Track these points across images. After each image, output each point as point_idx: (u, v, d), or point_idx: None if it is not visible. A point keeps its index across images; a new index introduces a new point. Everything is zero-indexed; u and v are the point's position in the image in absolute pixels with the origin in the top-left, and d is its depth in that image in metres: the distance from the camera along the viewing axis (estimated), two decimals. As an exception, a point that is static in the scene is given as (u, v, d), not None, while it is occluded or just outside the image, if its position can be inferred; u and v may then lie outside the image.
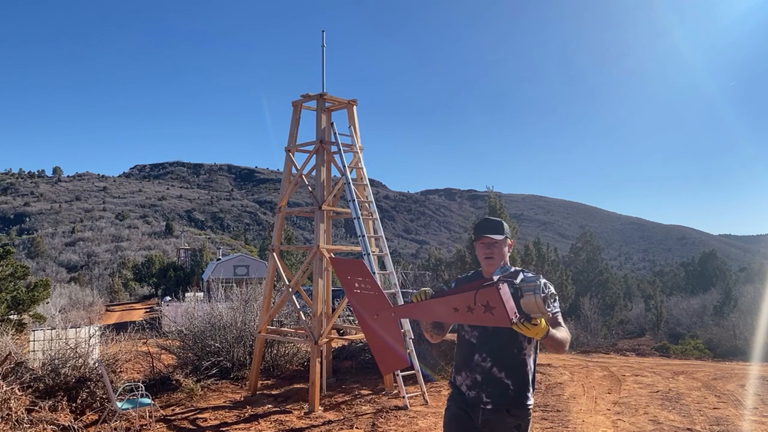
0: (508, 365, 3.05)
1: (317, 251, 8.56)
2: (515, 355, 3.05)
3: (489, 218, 3.23)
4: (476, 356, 3.07)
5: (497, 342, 3.05)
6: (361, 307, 3.11)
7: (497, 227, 3.15)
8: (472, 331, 3.12)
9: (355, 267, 3.13)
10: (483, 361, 3.06)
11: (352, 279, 3.10)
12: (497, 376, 3.04)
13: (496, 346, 3.05)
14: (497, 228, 3.15)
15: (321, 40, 9.27)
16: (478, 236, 3.15)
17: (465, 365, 3.13)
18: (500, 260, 3.12)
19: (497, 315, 2.67)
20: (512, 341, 3.04)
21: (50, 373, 7.80)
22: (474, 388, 3.08)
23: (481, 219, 3.31)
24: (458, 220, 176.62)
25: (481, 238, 3.13)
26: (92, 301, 39.45)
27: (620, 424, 6.94)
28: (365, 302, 3.08)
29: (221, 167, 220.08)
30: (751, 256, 75.27)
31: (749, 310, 21.43)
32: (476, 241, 3.17)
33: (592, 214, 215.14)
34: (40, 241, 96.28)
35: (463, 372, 3.14)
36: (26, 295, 15.01)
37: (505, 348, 3.05)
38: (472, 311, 2.71)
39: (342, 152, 8.89)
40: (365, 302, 3.08)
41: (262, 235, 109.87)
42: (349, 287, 3.12)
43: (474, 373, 3.08)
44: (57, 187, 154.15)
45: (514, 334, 2.92)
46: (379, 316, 3.05)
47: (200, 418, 7.67)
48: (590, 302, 24.23)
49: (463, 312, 2.76)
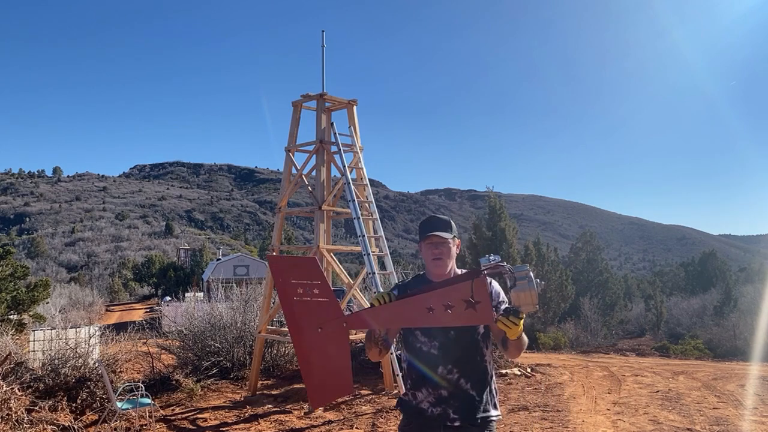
0: (474, 375, 2.78)
1: (317, 251, 8.56)
2: (479, 362, 2.80)
3: (436, 215, 2.92)
4: (440, 369, 2.75)
5: (460, 350, 2.76)
6: (301, 317, 2.54)
7: (445, 225, 2.85)
8: (430, 341, 2.77)
9: (302, 266, 2.63)
10: (449, 373, 2.75)
11: (295, 282, 2.55)
12: (464, 389, 2.76)
13: (461, 356, 2.76)
14: (446, 226, 2.85)
15: (321, 40, 9.27)
16: (424, 235, 2.82)
17: (426, 380, 2.78)
18: (449, 261, 2.82)
19: (480, 311, 2.39)
20: (475, 348, 2.79)
21: (50, 373, 7.79)
22: (439, 404, 2.76)
23: (427, 217, 2.96)
24: (458, 220, 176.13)
25: (427, 237, 2.81)
26: (92, 301, 39.47)
27: (620, 424, 6.94)
28: (307, 311, 2.53)
29: (221, 167, 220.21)
30: (751, 256, 75.33)
31: (749, 310, 21.44)
32: (422, 241, 2.84)
33: (592, 214, 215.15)
34: (40, 241, 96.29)
35: (423, 389, 2.79)
36: (26, 295, 15.02)
37: (469, 356, 2.78)
38: (450, 309, 2.41)
39: (342, 152, 8.89)
40: (307, 311, 2.53)
41: (262, 235, 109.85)
42: (287, 293, 2.55)
43: (438, 388, 2.76)
44: (57, 187, 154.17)
45: (476, 339, 2.76)
46: (324, 329, 2.51)
47: (200, 418, 7.66)
48: (590, 302, 24.25)
49: (439, 312, 2.42)
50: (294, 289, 2.52)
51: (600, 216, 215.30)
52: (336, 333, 2.52)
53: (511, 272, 2.45)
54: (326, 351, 2.53)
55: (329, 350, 2.53)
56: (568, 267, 26.71)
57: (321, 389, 2.60)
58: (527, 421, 7.12)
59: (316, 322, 2.51)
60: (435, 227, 2.82)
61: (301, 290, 2.52)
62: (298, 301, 2.53)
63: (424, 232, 2.83)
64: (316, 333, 2.51)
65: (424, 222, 2.92)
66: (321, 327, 2.50)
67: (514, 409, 7.84)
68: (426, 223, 2.90)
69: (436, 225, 2.84)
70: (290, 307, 2.55)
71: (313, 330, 2.51)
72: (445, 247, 2.79)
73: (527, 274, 2.43)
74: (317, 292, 2.52)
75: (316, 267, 2.58)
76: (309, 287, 2.53)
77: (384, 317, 2.55)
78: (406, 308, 2.50)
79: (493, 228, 21.57)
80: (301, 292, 2.52)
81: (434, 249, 2.79)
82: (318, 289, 2.53)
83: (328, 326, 2.51)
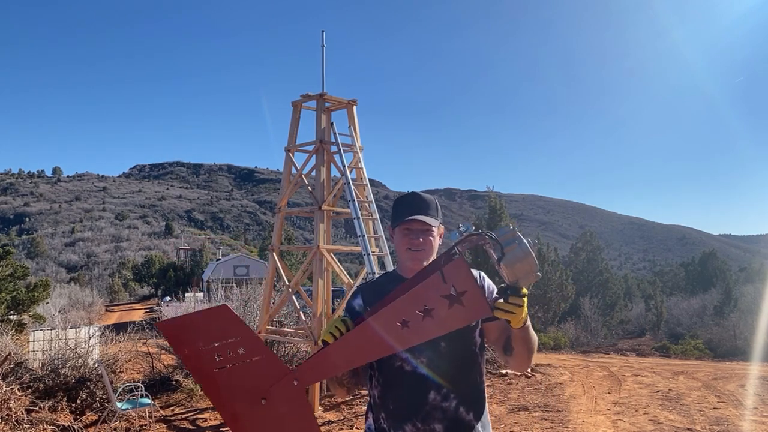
0: (476, 403, 2.06)
1: (317, 251, 8.56)
2: (478, 383, 2.09)
3: (417, 193, 2.14)
4: (432, 395, 2.00)
5: (455, 368, 2.03)
6: (232, 394, 1.81)
7: (429, 206, 2.10)
8: (415, 358, 2.01)
9: (208, 322, 1.81)
10: (444, 400, 2.00)
11: (206, 348, 1.80)
12: (465, 420, 2.02)
13: (456, 373, 2.03)
14: (429, 207, 2.10)
15: (321, 40, 9.27)
16: (402, 219, 2.07)
17: (412, 411, 2.01)
18: (430, 255, 2.09)
19: (470, 304, 1.76)
20: (472, 364, 2.08)
21: (50, 374, 7.79)
22: None
23: (404, 194, 2.17)
24: (458, 220, 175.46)
25: (406, 222, 2.06)
26: (92, 301, 39.39)
27: (620, 424, 6.93)
28: (239, 383, 1.81)
29: (221, 167, 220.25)
30: (751, 256, 75.34)
31: (749, 310, 21.43)
32: (398, 226, 2.08)
33: (592, 214, 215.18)
34: (40, 241, 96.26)
35: (409, 423, 2.00)
36: (26, 296, 15.00)
37: (467, 375, 2.07)
38: (431, 315, 1.76)
39: (342, 152, 8.88)
40: (239, 383, 1.81)
41: (262, 235, 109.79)
42: (201, 366, 1.81)
43: (431, 421, 1.99)
44: (57, 187, 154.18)
45: (473, 351, 2.08)
46: (269, 399, 1.80)
47: (200, 418, 7.66)
48: (590, 302, 24.26)
49: (416, 324, 1.76)
50: (209, 358, 1.79)
51: (600, 216, 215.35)
52: (290, 398, 1.82)
53: (495, 240, 1.80)
54: (283, 425, 1.84)
55: (286, 422, 1.83)
56: (568, 267, 26.69)
57: None
58: (527, 421, 7.11)
59: (255, 393, 1.80)
60: (416, 208, 2.07)
61: (219, 357, 1.80)
62: (220, 372, 1.81)
63: (402, 215, 2.07)
64: (259, 408, 1.81)
65: (400, 200, 2.14)
66: (265, 398, 1.81)
67: (514, 409, 7.84)
68: (403, 202, 2.12)
69: (418, 205, 2.08)
70: (212, 384, 1.82)
71: (255, 406, 1.81)
72: (428, 236, 2.07)
73: (515, 235, 1.79)
74: (243, 351, 1.81)
75: (231, 317, 1.82)
76: (229, 348, 1.80)
77: (344, 356, 1.84)
78: (369, 334, 1.80)
79: (494, 228, 21.51)
80: (220, 360, 1.80)
81: (413, 238, 2.06)
82: (243, 346, 1.81)
83: (275, 393, 1.81)
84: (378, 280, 2.23)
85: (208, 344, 1.79)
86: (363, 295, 2.15)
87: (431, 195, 2.19)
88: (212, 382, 1.82)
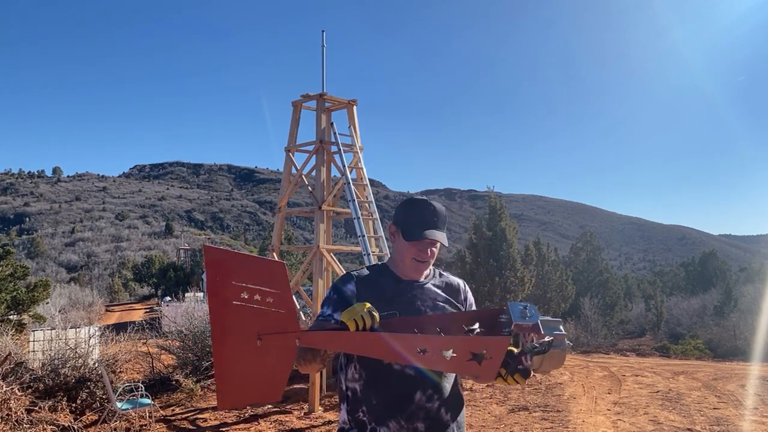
0: (454, 406, 2.18)
1: (317, 251, 8.56)
2: (456, 389, 2.21)
3: (432, 204, 2.18)
4: (418, 395, 2.08)
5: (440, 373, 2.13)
6: (238, 325, 1.89)
7: (443, 222, 2.18)
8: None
9: (258, 268, 1.92)
10: (429, 401, 2.09)
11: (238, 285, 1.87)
12: (444, 421, 2.12)
13: (440, 377, 2.14)
14: (442, 221, 2.17)
15: (321, 40, 9.27)
16: (416, 232, 2.11)
17: (398, 409, 2.07)
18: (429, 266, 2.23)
19: (484, 369, 1.85)
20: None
21: (50, 374, 7.79)
22: None
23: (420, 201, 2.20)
24: (458, 220, 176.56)
25: (421, 239, 2.11)
26: (92, 301, 39.38)
27: (620, 424, 6.93)
28: (250, 320, 1.89)
29: (221, 167, 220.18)
30: (751, 256, 75.33)
31: (749, 310, 21.43)
32: (411, 239, 2.12)
33: (592, 214, 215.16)
34: (40, 241, 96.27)
35: (393, 420, 2.07)
36: (26, 296, 15.00)
37: (449, 377, 2.17)
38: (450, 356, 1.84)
39: (342, 152, 8.89)
40: (250, 320, 1.89)
41: (262, 235, 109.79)
42: (224, 294, 1.87)
43: (415, 420, 2.07)
44: (57, 187, 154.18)
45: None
46: (264, 342, 1.89)
47: (200, 418, 7.66)
48: (590, 302, 24.25)
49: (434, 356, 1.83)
50: (236, 292, 1.87)
51: (600, 216, 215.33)
52: (281, 349, 1.91)
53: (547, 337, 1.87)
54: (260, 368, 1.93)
55: (265, 368, 1.93)
56: (568, 267, 26.68)
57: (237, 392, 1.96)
58: (527, 421, 7.12)
59: (255, 330, 1.88)
60: (432, 224, 2.13)
61: (246, 295, 1.87)
62: (237, 306, 1.87)
63: (416, 228, 2.12)
64: (250, 344, 1.88)
65: (412, 209, 2.17)
66: (261, 338, 1.88)
67: (514, 409, 7.84)
68: (416, 213, 2.15)
69: (434, 220, 2.14)
70: (223, 312, 1.88)
71: (248, 342, 1.88)
72: (434, 249, 2.16)
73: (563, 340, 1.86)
74: (271, 301, 1.89)
75: (281, 273, 1.92)
76: (260, 294, 1.88)
77: (354, 346, 1.91)
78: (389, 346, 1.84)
79: (494, 228, 21.55)
80: (245, 297, 1.87)
81: (422, 250, 2.14)
82: (274, 298, 1.89)
83: (274, 339, 1.89)
84: (370, 276, 2.22)
85: (243, 282, 1.87)
86: (357, 286, 2.17)
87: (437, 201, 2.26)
88: (224, 311, 1.88)
